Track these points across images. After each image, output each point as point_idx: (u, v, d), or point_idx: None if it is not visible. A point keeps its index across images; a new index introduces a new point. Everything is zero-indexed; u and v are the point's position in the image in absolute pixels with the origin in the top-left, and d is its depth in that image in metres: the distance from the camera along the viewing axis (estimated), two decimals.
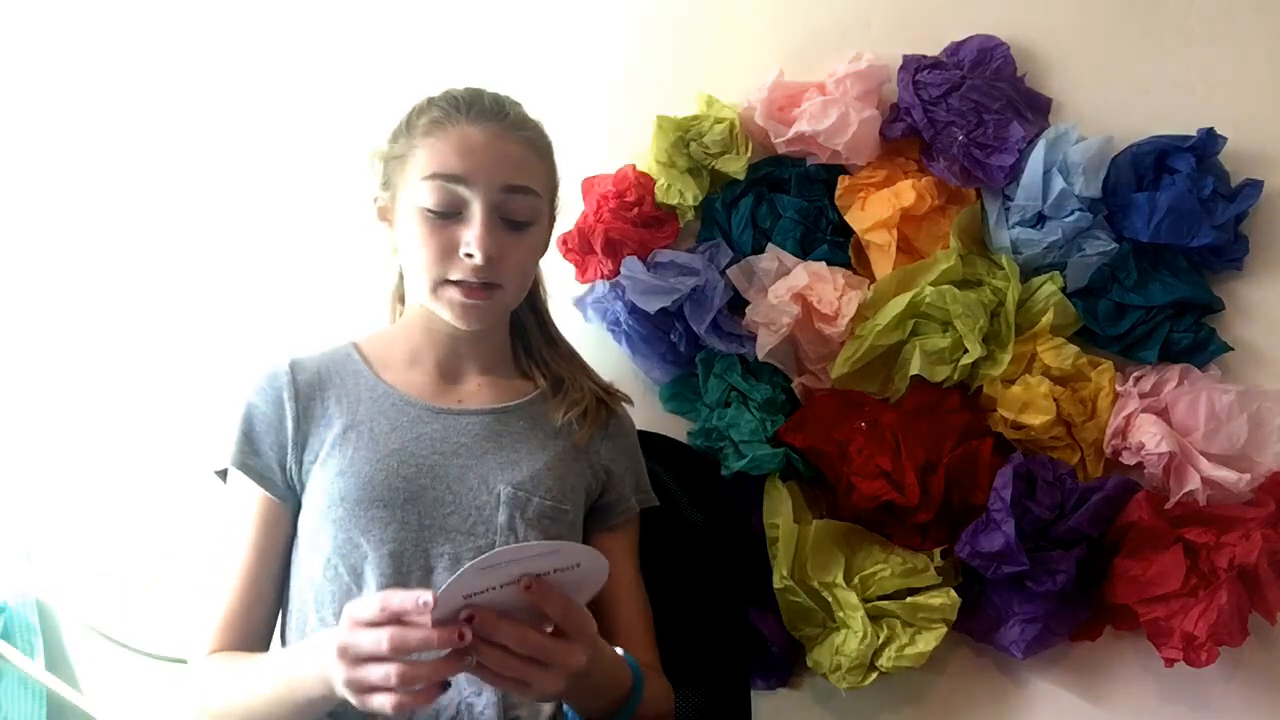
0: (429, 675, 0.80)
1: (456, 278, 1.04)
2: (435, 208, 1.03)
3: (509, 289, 1.07)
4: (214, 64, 1.54)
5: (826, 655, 1.36)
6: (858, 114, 1.38)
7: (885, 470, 1.36)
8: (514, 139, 1.06)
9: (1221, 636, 1.30)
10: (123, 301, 1.54)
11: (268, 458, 1.06)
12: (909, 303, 1.37)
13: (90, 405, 1.54)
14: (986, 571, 1.34)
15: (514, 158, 1.05)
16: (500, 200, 1.04)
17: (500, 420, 1.10)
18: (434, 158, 1.04)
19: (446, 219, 1.04)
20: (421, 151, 1.05)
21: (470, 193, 1.03)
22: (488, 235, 1.02)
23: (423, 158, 1.04)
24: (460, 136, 1.04)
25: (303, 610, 1.04)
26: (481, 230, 1.02)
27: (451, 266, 1.04)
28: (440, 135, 1.04)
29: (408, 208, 1.06)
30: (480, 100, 1.07)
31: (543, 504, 1.05)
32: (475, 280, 1.03)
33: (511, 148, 1.06)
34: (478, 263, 1.02)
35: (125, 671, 1.50)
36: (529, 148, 1.08)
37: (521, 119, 1.09)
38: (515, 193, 1.05)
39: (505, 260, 1.05)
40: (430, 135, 1.05)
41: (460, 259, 1.03)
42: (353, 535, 1.01)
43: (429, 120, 1.06)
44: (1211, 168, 1.38)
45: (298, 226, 1.53)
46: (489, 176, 1.03)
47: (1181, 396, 1.36)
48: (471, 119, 1.05)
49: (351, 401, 1.08)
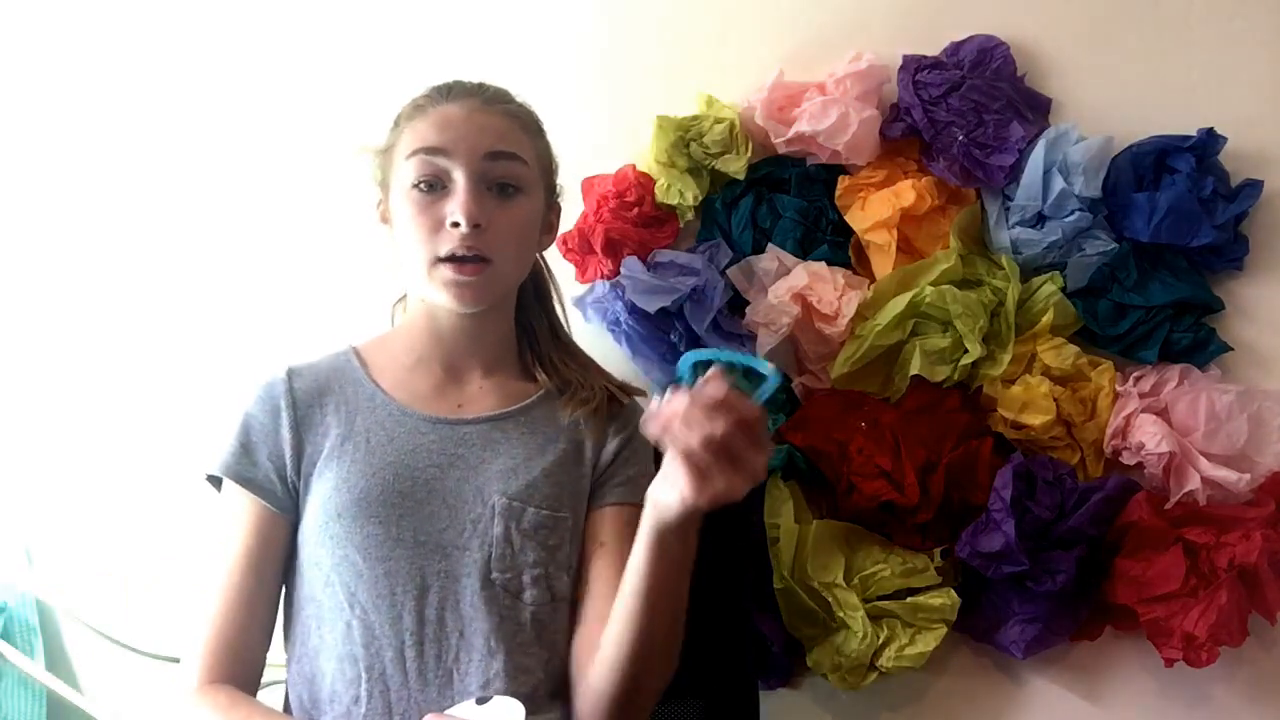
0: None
1: (447, 252, 1.03)
2: (419, 182, 1.04)
3: (500, 262, 1.05)
4: (212, 70, 1.54)
5: (826, 655, 1.36)
6: (858, 114, 1.38)
7: (885, 470, 1.36)
8: (494, 110, 1.07)
9: (1221, 636, 1.30)
10: (123, 301, 1.54)
11: (265, 468, 1.05)
12: (909, 303, 1.37)
13: (91, 405, 1.54)
14: (986, 571, 1.34)
15: (495, 127, 1.06)
16: (484, 168, 1.04)
17: (499, 427, 1.08)
18: (415, 137, 1.05)
19: (433, 194, 1.04)
20: (405, 135, 1.07)
21: (452, 163, 1.04)
22: (472, 201, 1.02)
23: (406, 140, 1.06)
24: (440, 113, 1.06)
25: (306, 625, 1.03)
26: (465, 197, 1.02)
27: (441, 241, 1.03)
28: (420, 117, 1.06)
29: (399, 193, 1.06)
30: (460, 84, 1.09)
31: (538, 514, 1.04)
32: (465, 251, 1.02)
33: (492, 119, 1.06)
34: (464, 230, 1.01)
35: (125, 671, 1.50)
36: (511, 119, 1.08)
37: (501, 94, 1.10)
38: (499, 159, 1.05)
39: (494, 229, 1.04)
40: (412, 120, 1.07)
41: (448, 230, 1.03)
42: (349, 553, 1.00)
43: (412, 106, 1.08)
44: (1211, 168, 1.39)
45: (299, 230, 1.52)
46: (470, 145, 1.04)
47: (1181, 396, 1.36)
48: (451, 99, 1.07)
49: (349, 411, 1.07)
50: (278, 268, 1.53)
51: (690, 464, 0.81)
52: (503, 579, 1.01)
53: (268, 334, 1.51)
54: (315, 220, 1.52)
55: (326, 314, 1.49)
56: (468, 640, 0.99)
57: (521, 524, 1.03)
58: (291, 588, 1.06)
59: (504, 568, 1.01)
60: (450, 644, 0.99)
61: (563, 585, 1.05)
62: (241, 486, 1.04)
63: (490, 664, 0.99)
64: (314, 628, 1.02)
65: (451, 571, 1.01)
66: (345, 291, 1.49)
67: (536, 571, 1.02)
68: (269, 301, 1.53)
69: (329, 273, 1.51)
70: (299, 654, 1.04)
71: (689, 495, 0.82)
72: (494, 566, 1.01)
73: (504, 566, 1.02)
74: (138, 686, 1.50)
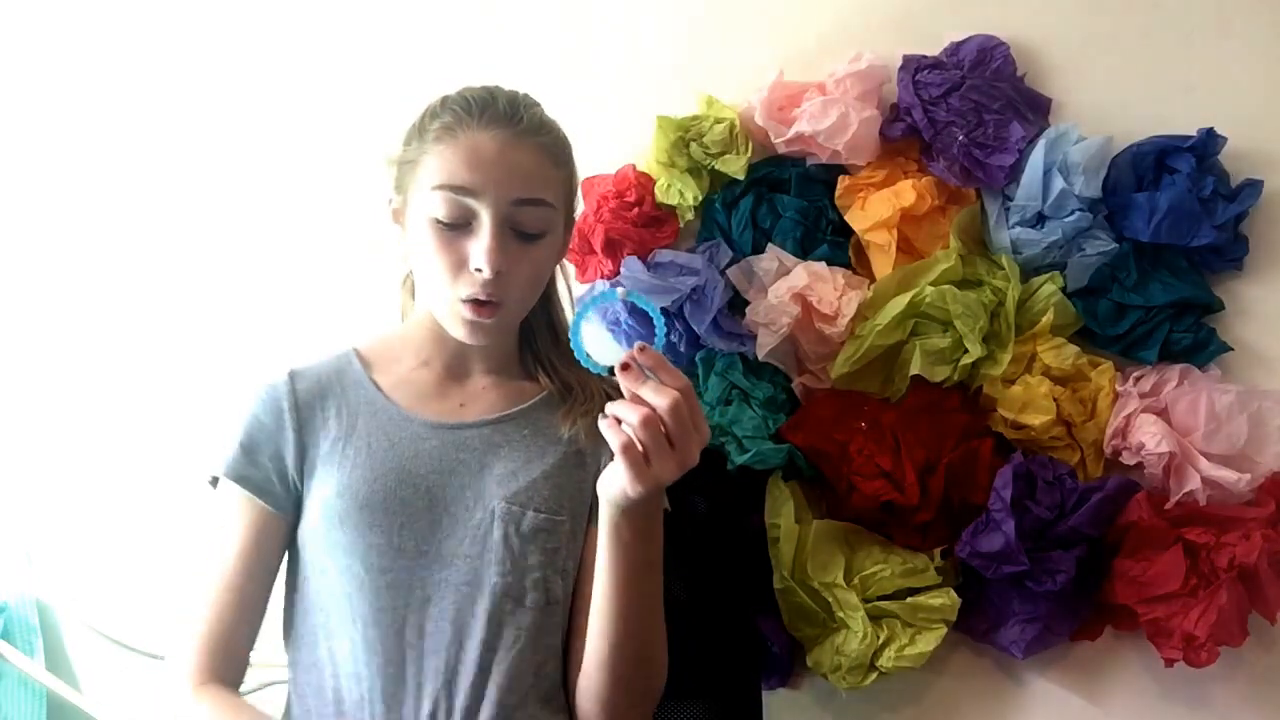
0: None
1: (468, 295, 1.01)
2: (445, 219, 1.01)
3: (513, 304, 1.04)
4: (217, 70, 1.54)
5: (827, 655, 1.36)
6: (858, 114, 1.38)
7: (885, 470, 1.36)
8: (527, 146, 1.02)
9: (1221, 636, 1.30)
10: (123, 301, 1.55)
11: (266, 469, 1.04)
12: (909, 303, 1.37)
13: (91, 405, 1.54)
14: (986, 571, 1.34)
15: (526, 168, 1.02)
16: (510, 213, 1.01)
17: (500, 430, 1.08)
18: (444, 167, 1.01)
19: (456, 230, 1.01)
20: (432, 159, 1.02)
21: (480, 204, 1.00)
22: (498, 250, 1.00)
23: (433, 166, 1.02)
24: (470, 145, 1.01)
25: (313, 634, 1.03)
26: (491, 243, 0.99)
27: (461, 283, 1.01)
28: (450, 142, 1.01)
29: (418, 216, 1.03)
30: (494, 103, 1.03)
31: (537, 517, 1.03)
32: (485, 297, 1.01)
33: (524, 157, 1.02)
34: (486, 277, 1.00)
35: (125, 671, 1.50)
36: (543, 155, 1.04)
37: (537, 123, 1.05)
38: (526, 205, 1.02)
39: (514, 274, 1.02)
40: (441, 142, 1.02)
41: (470, 273, 1.01)
42: (352, 563, 1.00)
43: (440, 125, 1.03)
44: (1211, 168, 1.38)
45: (300, 230, 1.53)
46: (499, 189, 1.00)
47: (1181, 396, 1.36)
48: (483, 124, 1.01)
49: (350, 414, 1.07)
50: (274, 268, 1.53)
51: (629, 454, 0.85)
52: (504, 584, 1.01)
53: (265, 334, 1.51)
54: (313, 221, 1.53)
55: (324, 315, 1.50)
56: (465, 646, 1.00)
57: (521, 528, 1.03)
58: (292, 589, 1.06)
59: (505, 572, 1.01)
60: (450, 652, 0.99)
61: (558, 589, 1.04)
62: (243, 488, 1.04)
63: (486, 670, 0.99)
64: (321, 638, 1.02)
65: (453, 580, 1.01)
66: (344, 292, 1.49)
67: (536, 575, 1.02)
68: (266, 302, 1.53)
69: (326, 274, 1.52)
70: (305, 662, 1.04)
71: (630, 482, 0.86)
72: (495, 572, 1.01)
73: (505, 571, 1.01)
74: (138, 686, 1.50)
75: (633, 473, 0.86)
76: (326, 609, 1.02)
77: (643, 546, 0.95)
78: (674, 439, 0.85)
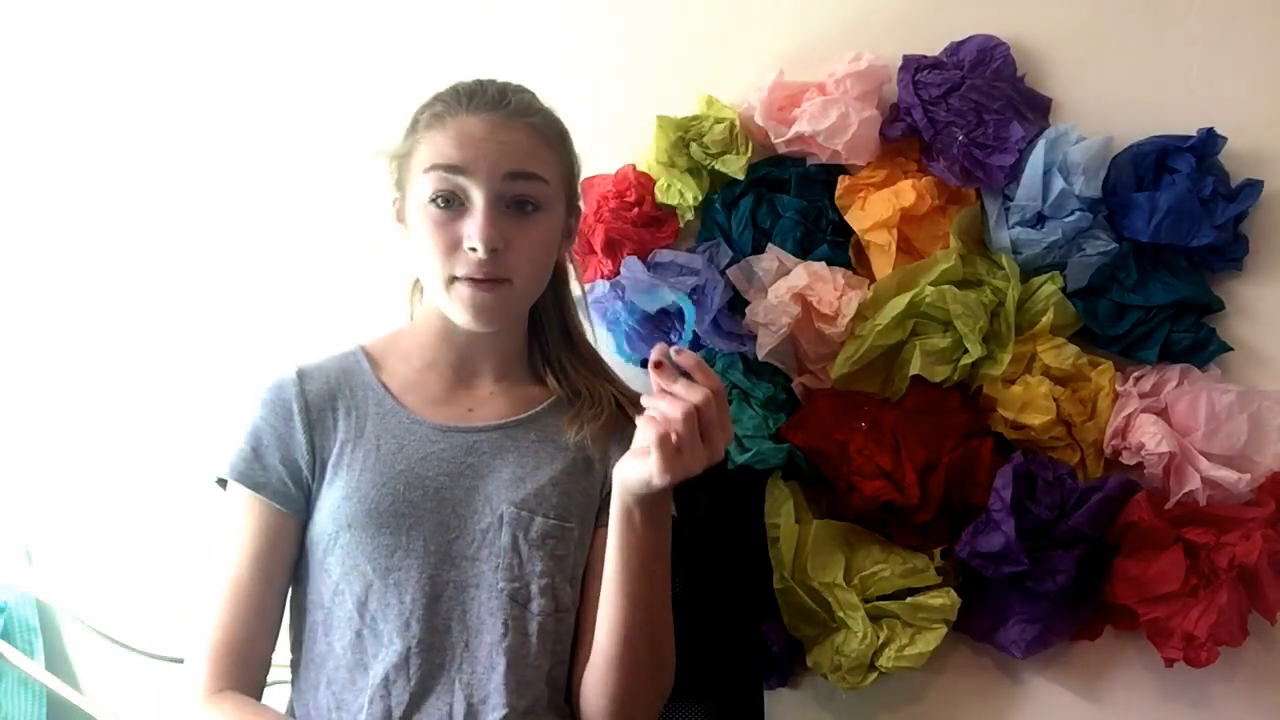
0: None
1: (463, 274, 1.00)
2: (437, 198, 1.01)
3: (519, 283, 1.03)
4: (220, 69, 1.54)
5: (826, 655, 1.36)
6: (858, 114, 1.38)
7: (885, 470, 1.36)
8: (517, 126, 1.02)
9: (1221, 636, 1.30)
10: (123, 301, 1.54)
11: (277, 471, 1.04)
12: (909, 303, 1.37)
13: (91, 405, 1.54)
14: (986, 571, 1.35)
15: (516, 144, 1.02)
16: (503, 189, 1.01)
17: (509, 435, 1.07)
18: (434, 149, 1.02)
19: (450, 211, 1.01)
20: (423, 145, 1.03)
21: (471, 182, 1.00)
22: (490, 226, 0.99)
23: (425, 151, 1.02)
24: (460, 127, 1.01)
25: (313, 631, 1.03)
26: (483, 221, 0.99)
27: (457, 262, 1.01)
28: (440, 128, 1.02)
29: (415, 204, 1.03)
30: (482, 91, 1.04)
31: (546, 523, 1.03)
32: (482, 275, 1.00)
33: (514, 135, 1.02)
34: (481, 256, 0.99)
35: (125, 671, 1.50)
36: (534, 134, 1.03)
37: (526, 106, 1.05)
38: (519, 179, 1.01)
39: (513, 251, 1.01)
40: (431, 128, 1.03)
41: (465, 253, 1.00)
42: (359, 562, 1.00)
43: (431, 114, 1.04)
44: (1211, 168, 1.38)
45: (305, 229, 1.53)
46: (490, 164, 1.00)
47: (1181, 396, 1.36)
48: (472, 109, 1.02)
49: (359, 416, 1.06)
50: (276, 266, 1.53)
51: (665, 445, 0.86)
52: (511, 589, 1.01)
53: (269, 333, 1.51)
54: (317, 220, 1.52)
55: (330, 313, 1.49)
56: (472, 651, 0.99)
57: (529, 533, 1.02)
58: (298, 591, 1.06)
59: (512, 577, 1.01)
60: (455, 654, 0.99)
61: (566, 597, 1.04)
62: (252, 490, 1.03)
63: (492, 675, 0.99)
64: (320, 634, 1.02)
65: (461, 581, 1.01)
66: (348, 291, 1.49)
67: (544, 581, 1.02)
68: (270, 301, 1.53)
69: (331, 273, 1.52)
70: (305, 660, 1.04)
71: (659, 471, 0.87)
72: (502, 576, 1.01)
73: (512, 576, 1.01)
74: (138, 686, 1.50)
75: (664, 463, 0.87)
76: (328, 607, 1.02)
77: (654, 535, 0.96)
78: (706, 434, 0.87)
